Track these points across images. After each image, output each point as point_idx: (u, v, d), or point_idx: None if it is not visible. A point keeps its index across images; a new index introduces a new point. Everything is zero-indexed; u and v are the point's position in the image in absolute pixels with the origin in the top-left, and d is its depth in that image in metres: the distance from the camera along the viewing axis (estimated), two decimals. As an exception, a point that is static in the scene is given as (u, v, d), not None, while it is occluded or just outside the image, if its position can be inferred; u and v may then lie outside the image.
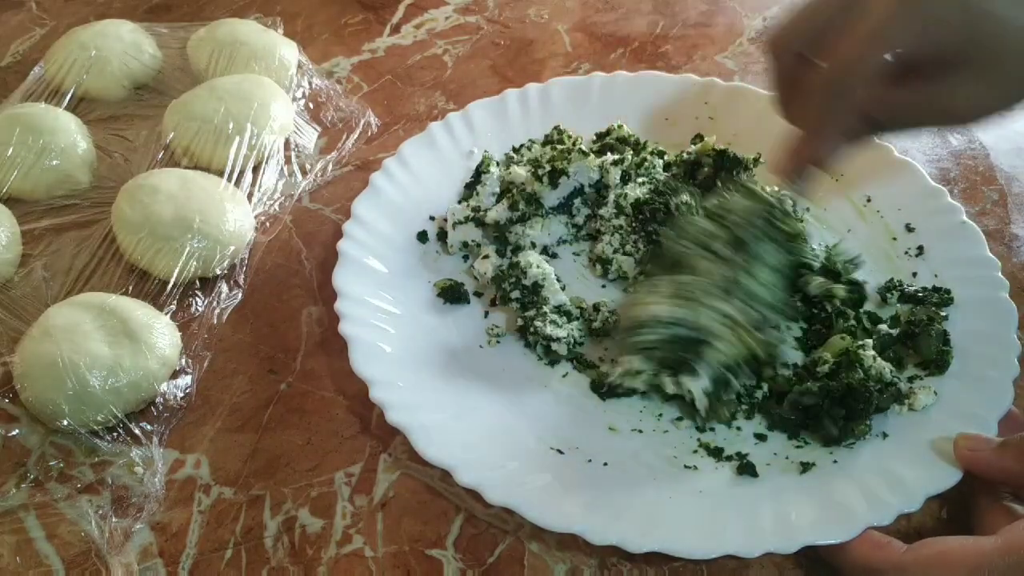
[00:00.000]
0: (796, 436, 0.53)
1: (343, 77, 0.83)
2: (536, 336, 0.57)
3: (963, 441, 0.48)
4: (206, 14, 0.90)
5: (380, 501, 0.51)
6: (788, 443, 0.53)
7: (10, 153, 0.66)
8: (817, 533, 0.45)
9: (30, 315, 0.58)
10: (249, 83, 0.72)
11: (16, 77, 0.79)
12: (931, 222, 0.63)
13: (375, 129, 0.77)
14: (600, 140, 0.70)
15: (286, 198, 0.70)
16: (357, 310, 0.57)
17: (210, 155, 0.68)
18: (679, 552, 0.45)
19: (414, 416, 0.52)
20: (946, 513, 0.50)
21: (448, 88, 0.81)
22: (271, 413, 0.56)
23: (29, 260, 0.64)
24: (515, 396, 0.55)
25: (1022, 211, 0.69)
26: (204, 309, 0.61)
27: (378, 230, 0.63)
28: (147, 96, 0.78)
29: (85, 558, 0.49)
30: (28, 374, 0.53)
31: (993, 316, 0.56)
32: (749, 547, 0.45)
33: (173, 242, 0.60)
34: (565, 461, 0.51)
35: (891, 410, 0.52)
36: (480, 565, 0.49)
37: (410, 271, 0.62)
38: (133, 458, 0.53)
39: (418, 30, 0.89)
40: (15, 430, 0.54)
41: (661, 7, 0.92)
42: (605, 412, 0.55)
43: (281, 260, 0.66)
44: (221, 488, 0.52)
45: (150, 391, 0.55)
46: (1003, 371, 0.52)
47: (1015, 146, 0.75)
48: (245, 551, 0.49)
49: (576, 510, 0.47)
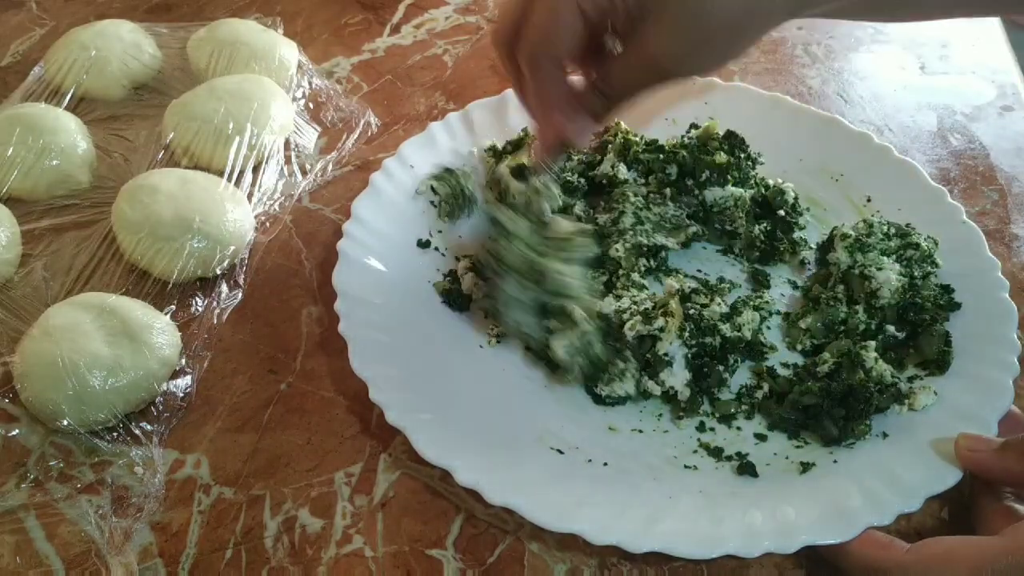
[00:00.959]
0: (796, 436, 0.53)
1: (343, 77, 0.83)
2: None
3: (964, 441, 0.48)
4: (206, 14, 0.90)
5: (380, 501, 0.51)
6: (788, 443, 0.53)
7: (10, 153, 0.66)
8: (817, 533, 0.45)
9: (30, 315, 0.58)
10: (249, 83, 0.72)
11: (16, 77, 0.79)
12: (931, 222, 0.62)
13: (375, 129, 0.77)
14: (599, 137, 0.71)
15: (286, 198, 0.70)
16: (357, 310, 0.57)
17: (210, 155, 0.68)
18: (679, 552, 0.45)
19: (414, 416, 0.51)
20: (947, 513, 0.50)
21: (448, 88, 0.81)
22: (271, 413, 0.56)
23: (29, 260, 0.64)
24: (515, 396, 0.55)
25: (1022, 211, 0.69)
26: (204, 309, 0.61)
27: (378, 230, 0.63)
28: (147, 96, 0.78)
29: (85, 558, 0.49)
30: (28, 374, 0.53)
31: (993, 316, 0.56)
32: (749, 547, 0.45)
33: (173, 242, 0.60)
34: (565, 461, 0.51)
35: (891, 410, 0.52)
36: (480, 565, 0.49)
37: (410, 271, 0.62)
38: (133, 458, 0.53)
39: (418, 30, 0.89)
40: (15, 430, 0.54)
41: (661, 7, 0.92)
42: (605, 412, 0.55)
43: (281, 260, 0.66)
44: (221, 488, 0.52)
45: (150, 391, 0.55)
46: (1003, 371, 0.52)
47: (1015, 146, 0.75)
48: (245, 551, 0.49)
49: (576, 510, 0.47)
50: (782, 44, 0.87)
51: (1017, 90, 0.81)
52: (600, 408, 0.55)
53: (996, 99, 0.80)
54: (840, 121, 0.70)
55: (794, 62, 0.85)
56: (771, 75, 0.83)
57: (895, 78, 0.83)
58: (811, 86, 0.82)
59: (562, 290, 0.55)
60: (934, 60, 0.85)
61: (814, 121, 0.71)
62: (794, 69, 0.84)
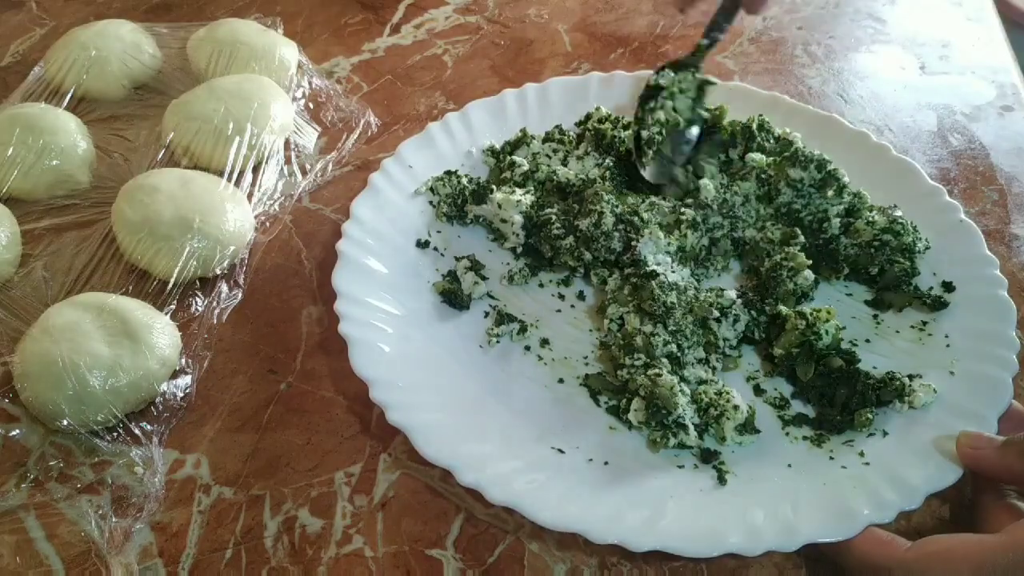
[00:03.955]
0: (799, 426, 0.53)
1: (343, 77, 0.83)
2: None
3: (965, 439, 0.48)
4: (206, 14, 0.90)
5: (380, 501, 0.51)
6: (788, 443, 0.53)
7: (10, 153, 0.66)
8: (818, 531, 0.45)
9: (30, 315, 0.58)
10: (249, 83, 0.72)
11: (16, 77, 0.79)
12: (930, 221, 0.62)
13: (375, 129, 0.77)
14: (582, 125, 0.72)
15: (286, 198, 0.70)
16: (357, 310, 0.57)
17: (210, 155, 0.68)
18: (679, 551, 0.45)
19: (414, 416, 0.51)
20: (947, 511, 0.50)
21: (448, 88, 0.81)
22: (271, 413, 0.56)
23: (29, 260, 0.64)
24: (515, 396, 0.55)
25: (1022, 211, 0.69)
26: (204, 309, 0.61)
27: (377, 230, 0.63)
28: (147, 96, 0.78)
29: (85, 558, 0.49)
30: (28, 374, 0.53)
31: (992, 314, 0.56)
32: (750, 545, 0.45)
33: (173, 242, 0.60)
34: (565, 460, 0.51)
35: (892, 408, 0.52)
36: (480, 565, 0.49)
37: (410, 271, 0.62)
38: (133, 458, 0.52)
39: (418, 30, 0.89)
40: (15, 430, 0.54)
41: (661, 7, 0.92)
42: (605, 411, 0.55)
43: (281, 260, 0.66)
44: (221, 488, 0.52)
45: (150, 391, 0.55)
46: (1003, 369, 0.52)
47: (1015, 146, 0.75)
48: (245, 551, 0.49)
49: (576, 510, 0.47)
50: (782, 44, 0.87)
51: (1017, 90, 0.81)
52: (600, 407, 0.55)
53: (996, 99, 0.80)
54: (838, 120, 0.70)
55: (794, 62, 0.85)
56: (771, 75, 0.83)
57: (895, 78, 0.83)
58: (811, 86, 0.82)
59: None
60: (934, 60, 0.85)
61: (812, 120, 0.71)
62: (794, 69, 0.84)
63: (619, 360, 0.55)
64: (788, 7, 0.92)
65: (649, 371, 0.53)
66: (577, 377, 0.57)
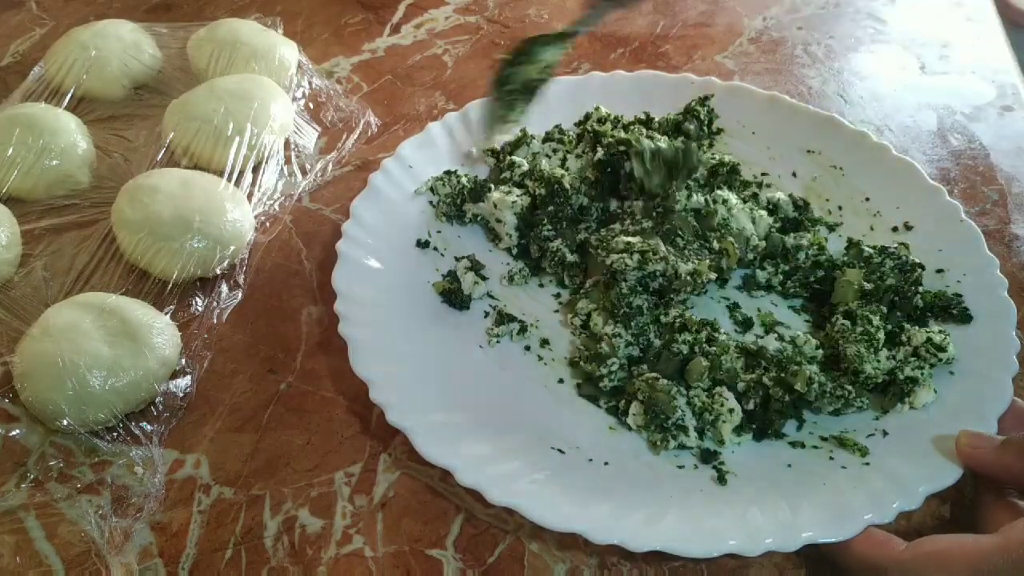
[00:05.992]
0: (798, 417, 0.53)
1: (343, 77, 0.83)
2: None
3: (965, 439, 0.48)
4: (206, 14, 0.90)
5: (380, 501, 0.51)
6: (787, 443, 0.53)
7: (10, 153, 0.66)
8: (817, 531, 0.45)
9: (30, 315, 0.58)
10: (249, 83, 0.72)
11: (16, 77, 0.79)
12: (929, 220, 0.62)
13: (375, 129, 0.77)
14: (581, 125, 0.72)
15: (286, 198, 0.70)
16: (357, 310, 0.57)
17: (210, 155, 0.68)
18: (679, 551, 0.45)
19: (414, 416, 0.51)
20: (947, 511, 0.50)
21: (448, 88, 0.81)
22: (271, 413, 0.56)
23: (29, 260, 0.64)
24: (515, 396, 0.55)
25: (1022, 211, 0.69)
26: (204, 309, 0.61)
27: (377, 230, 0.63)
28: (147, 96, 0.78)
29: (85, 558, 0.49)
30: (28, 374, 0.53)
31: (992, 314, 0.56)
32: (750, 546, 0.45)
33: (173, 242, 0.60)
34: (565, 461, 0.51)
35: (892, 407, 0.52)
36: (480, 565, 0.49)
37: (409, 271, 0.62)
38: (133, 458, 0.52)
39: (418, 30, 0.89)
40: (15, 430, 0.54)
41: (661, 7, 0.92)
42: (605, 411, 0.55)
43: (281, 260, 0.66)
44: (221, 488, 0.52)
45: (150, 391, 0.55)
46: (1003, 369, 0.52)
47: (1015, 146, 0.75)
48: (245, 551, 0.49)
49: (576, 510, 0.47)
50: (782, 44, 0.87)
51: (1017, 90, 0.81)
52: (600, 408, 0.55)
53: (996, 99, 0.80)
54: (838, 120, 0.70)
55: (794, 62, 0.85)
56: (771, 75, 0.83)
57: (895, 78, 0.83)
58: (811, 86, 0.82)
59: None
60: (934, 60, 0.85)
61: (812, 120, 0.71)
62: (794, 69, 0.84)
63: (593, 372, 0.55)
64: (788, 7, 0.92)
65: (647, 375, 0.54)
66: (576, 384, 0.57)
